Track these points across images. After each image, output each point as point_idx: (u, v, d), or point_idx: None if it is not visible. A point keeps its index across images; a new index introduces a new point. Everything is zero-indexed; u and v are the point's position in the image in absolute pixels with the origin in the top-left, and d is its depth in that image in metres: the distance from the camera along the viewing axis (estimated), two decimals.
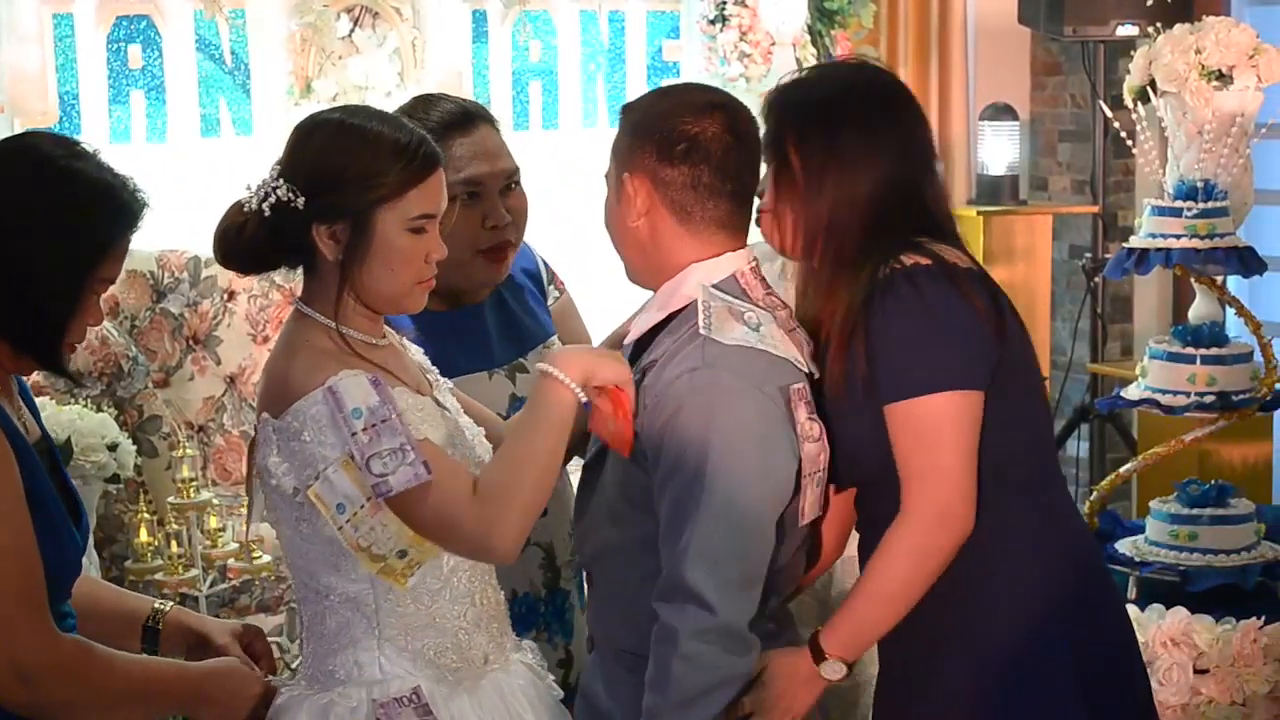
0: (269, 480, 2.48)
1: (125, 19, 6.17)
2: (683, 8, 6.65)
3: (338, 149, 2.48)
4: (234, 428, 5.51)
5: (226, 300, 5.60)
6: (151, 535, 4.27)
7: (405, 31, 6.13)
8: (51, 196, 2.44)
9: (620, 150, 2.68)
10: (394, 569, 2.44)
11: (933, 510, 2.56)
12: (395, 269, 2.49)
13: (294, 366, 2.47)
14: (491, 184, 3.07)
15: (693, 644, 2.48)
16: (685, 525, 2.50)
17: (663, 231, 2.64)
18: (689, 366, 2.54)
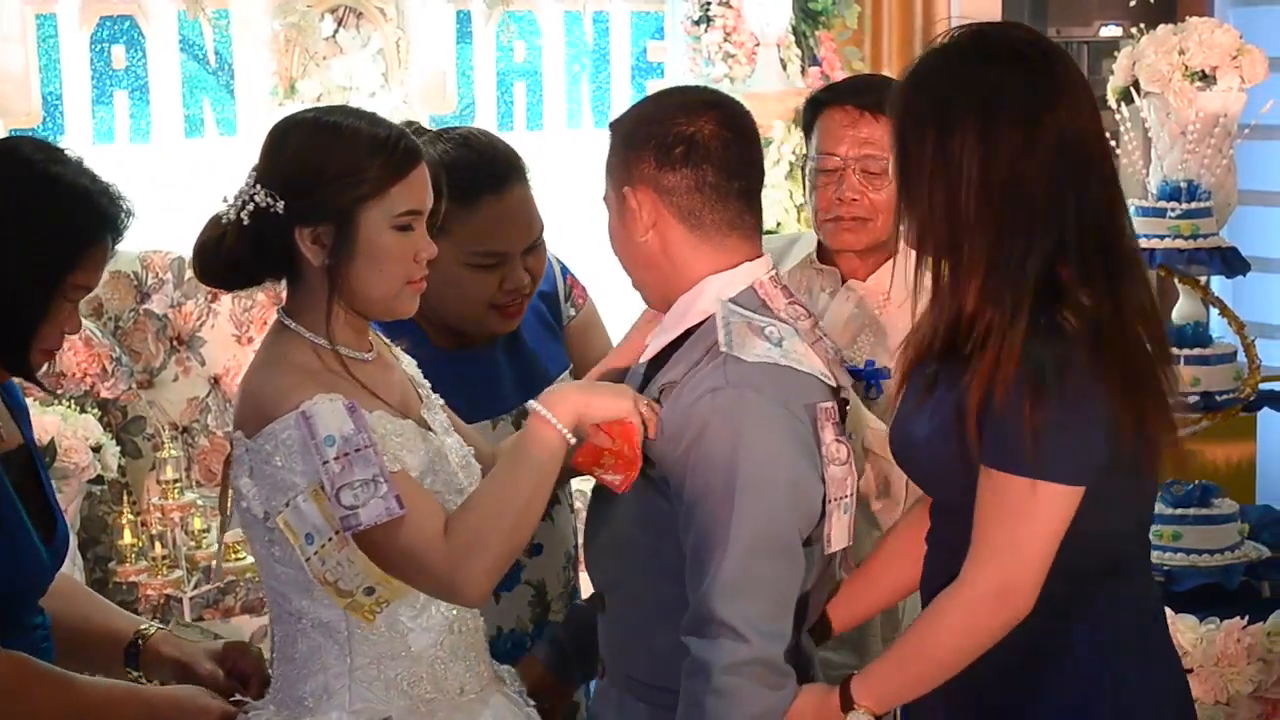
0: (239, 501, 2.41)
1: (109, 19, 6.15)
2: (667, 8, 6.65)
3: (315, 147, 2.41)
4: (218, 429, 5.50)
5: (210, 301, 5.59)
6: (135, 537, 4.26)
7: (389, 32, 6.12)
8: (26, 201, 2.40)
9: (615, 166, 2.54)
10: (361, 605, 2.34)
11: (996, 585, 2.39)
12: (383, 269, 2.41)
13: (270, 385, 2.38)
14: (516, 251, 2.92)
15: (727, 678, 2.36)
16: (714, 554, 2.37)
17: (674, 242, 2.50)
18: (710, 386, 2.41)
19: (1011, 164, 2.37)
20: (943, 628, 2.44)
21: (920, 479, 2.63)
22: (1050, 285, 2.39)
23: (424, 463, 2.45)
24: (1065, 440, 2.36)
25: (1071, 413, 2.35)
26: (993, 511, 2.40)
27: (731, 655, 2.36)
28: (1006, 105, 2.38)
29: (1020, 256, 2.38)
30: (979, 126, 2.37)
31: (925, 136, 2.41)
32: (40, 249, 2.40)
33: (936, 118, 2.41)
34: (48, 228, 2.40)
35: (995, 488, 2.40)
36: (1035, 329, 2.36)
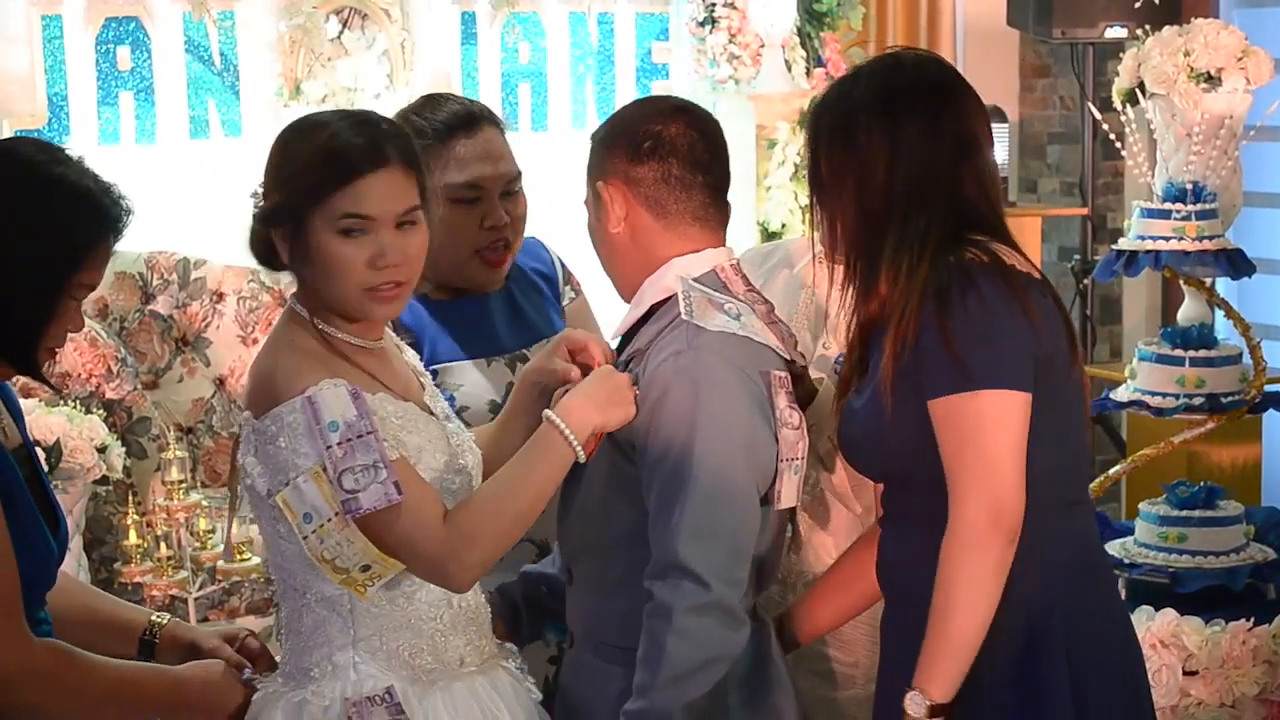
0: (245, 479, 2.50)
1: (114, 20, 6.16)
2: (672, 10, 6.65)
3: (284, 150, 2.52)
4: (223, 429, 5.51)
5: (215, 302, 5.59)
6: (140, 537, 4.26)
7: (394, 33, 6.12)
8: (28, 201, 2.42)
9: (592, 165, 2.73)
10: (356, 581, 2.44)
11: (984, 510, 2.49)
12: (334, 276, 2.48)
13: (278, 368, 2.48)
14: (492, 187, 3.09)
15: (687, 619, 2.49)
16: (675, 503, 2.52)
17: (641, 230, 2.68)
18: (673, 350, 2.58)
19: (917, 154, 2.61)
20: (956, 581, 2.51)
21: (863, 461, 2.73)
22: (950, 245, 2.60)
23: (425, 443, 2.53)
24: (989, 347, 2.50)
25: (986, 320, 2.51)
26: (952, 441, 2.52)
27: (693, 599, 2.50)
28: (909, 105, 2.63)
29: (924, 230, 2.58)
30: (885, 126, 2.61)
31: (835, 141, 2.65)
32: (44, 249, 2.42)
33: (846, 124, 2.64)
34: (51, 228, 2.43)
35: (944, 416, 2.52)
36: (935, 267, 2.56)
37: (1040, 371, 2.55)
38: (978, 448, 2.50)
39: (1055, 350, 2.59)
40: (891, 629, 2.75)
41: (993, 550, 2.49)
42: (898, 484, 2.68)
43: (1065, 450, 2.64)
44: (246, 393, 2.52)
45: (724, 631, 2.53)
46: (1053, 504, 2.59)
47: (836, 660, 3.19)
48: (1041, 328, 2.55)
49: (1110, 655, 2.64)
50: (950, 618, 2.51)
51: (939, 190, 2.62)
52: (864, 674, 3.16)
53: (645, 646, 2.53)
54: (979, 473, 2.49)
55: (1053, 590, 2.59)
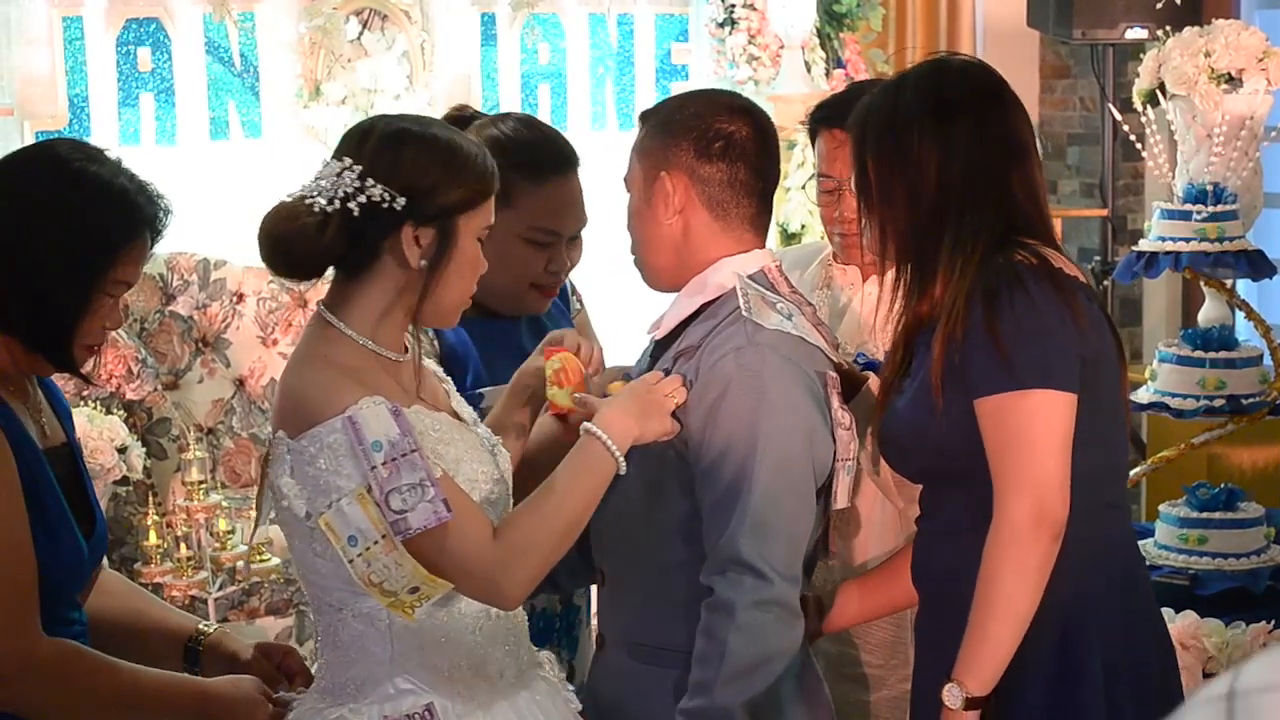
0: (280, 500, 2.43)
1: (135, 22, 6.17)
2: (691, 11, 6.65)
3: (435, 152, 2.47)
4: (243, 430, 5.52)
5: (236, 303, 5.60)
6: (160, 538, 4.26)
7: (414, 34, 6.13)
8: (62, 199, 2.44)
9: (651, 150, 2.70)
10: (403, 603, 2.38)
11: (1029, 508, 2.50)
12: (466, 278, 2.49)
13: (313, 385, 2.41)
14: (567, 234, 3.09)
15: (750, 614, 2.49)
16: (738, 499, 2.51)
17: (696, 228, 2.66)
18: (735, 346, 2.57)
19: (968, 158, 2.62)
20: (998, 577, 2.51)
21: (903, 460, 2.73)
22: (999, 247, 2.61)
23: (463, 453, 2.50)
24: (1037, 347, 2.52)
25: (1034, 320, 2.52)
26: (998, 439, 2.53)
27: (756, 594, 2.50)
28: (959, 110, 2.64)
29: (974, 233, 2.60)
30: (936, 131, 2.62)
31: (885, 148, 2.66)
32: (77, 245, 2.43)
33: (896, 131, 2.65)
34: (84, 225, 2.44)
35: (991, 415, 2.53)
36: (984, 268, 2.57)
37: (1085, 374, 2.57)
38: (1024, 446, 2.51)
39: (1101, 354, 2.61)
40: (928, 628, 2.75)
41: (1036, 548, 2.50)
42: (938, 483, 2.70)
43: (1106, 453, 2.66)
44: (278, 410, 2.46)
45: (784, 627, 2.53)
46: (1091, 506, 2.59)
47: (867, 664, 3.20)
48: (1088, 330, 2.57)
49: (1144, 655, 2.66)
50: (991, 613, 2.52)
51: (989, 194, 2.63)
52: (895, 675, 3.17)
53: (704, 643, 2.52)
54: (1024, 471, 2.51)
55: (1089, 590, 2.60)
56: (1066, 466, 2.52)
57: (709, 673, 2.50)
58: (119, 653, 2.56)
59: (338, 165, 2.45)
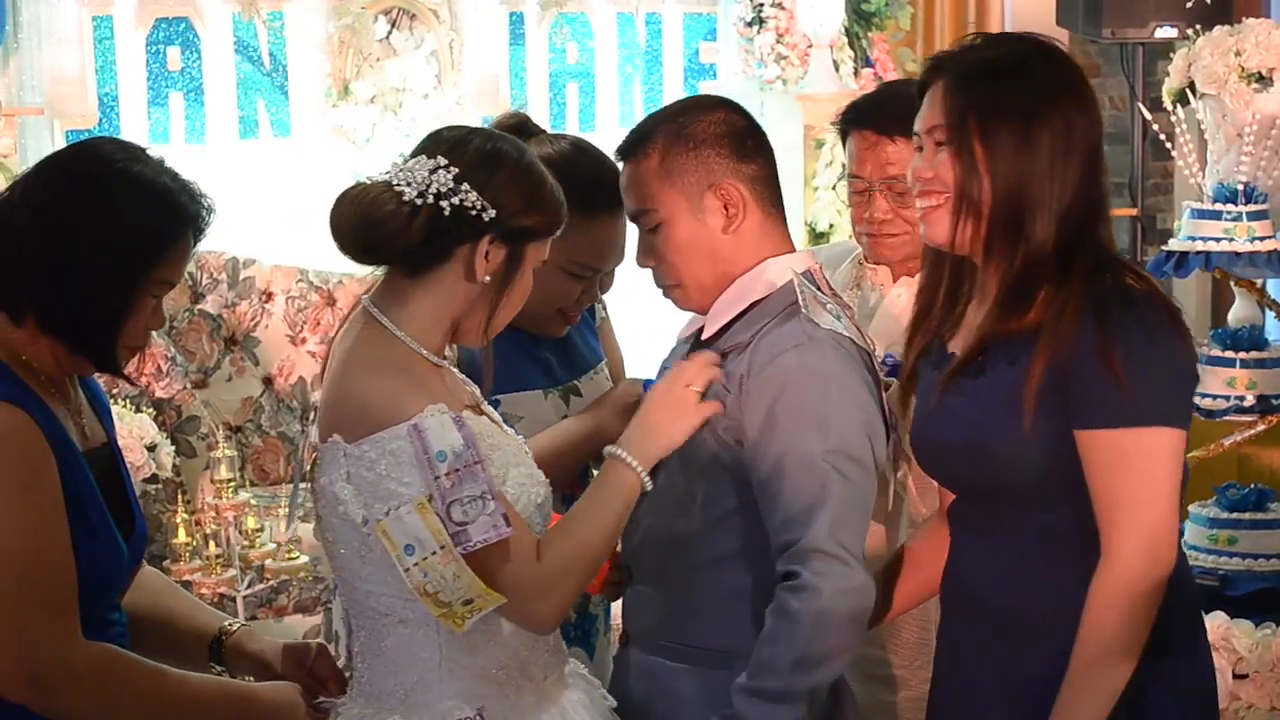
0: (335, 505, 2.40)
1: (164, 21, 6.20)
2: (719, 10, 6.65)
3: (528, 176, 2.48)
4: (271, 429, 5.53)
5: (264, 301, 5.62)
6: (190, 535, 4.27)
7: (442, 34, 6.14)
8: (106, 198, 2.42)
9: (685, 169, 2.62)
10: (456, 614, 2.35)
11: (1145, 543, 2.37)
12: (513, 305, 2.51)
13: (375, 391, 2.38)
14: (605, 271, 3.07)
15: (836, 600, 2.46)
16: (816, 491, 2.49)
17: (749, 229, 2.63)
18: (795, 343, 2.54)
19: (1085, 139, 2.48)
20: (1114, 624, 2.40)
21: (951, 469, 2.59)
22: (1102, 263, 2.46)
23: (510, 457, 2.49)
24: (1160, 381, 2.38)
25: (1155, 352, 2.37)
26: (1112, 476, 2.39)
27: (843, 581, 2.47)
28: (1076, 90, 2.52)
29: (1084, 235, 2.45)
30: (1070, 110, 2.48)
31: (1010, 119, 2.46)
32: (121, 245, 2.42)
33: (1017, 107, 2.46)
34: (128, 225, 2.42)
35: (1105, 449, 2.39)
36: (1096, 288, 2.40)
37: None
38: (1143, 487, 2.38)
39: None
40: (959, 641, 2.65)
41: (1153, 592, 2.39)
42: (995, 500, 2.54)
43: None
44: (332, 413, 2.42)
45: (857, 625, 2.51)
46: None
47: (892, 665, 3.19)
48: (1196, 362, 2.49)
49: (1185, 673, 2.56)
50: (1107, 663, 2.41)
51: (1099, 196, 2.49)
52: (918, 676, 3.16)
53: (780, 624, 2.47)
54: (1140, 512, 2.38)
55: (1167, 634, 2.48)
56: (1178, 508, 2.42)
57: (781, 653, 2.46)
58: (151, 649, 2.55)
59: (430, 163, 2.43)
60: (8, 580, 2.32)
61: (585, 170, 2.95)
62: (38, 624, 2.34)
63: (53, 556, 2.36)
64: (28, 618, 2.34)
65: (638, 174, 2.64)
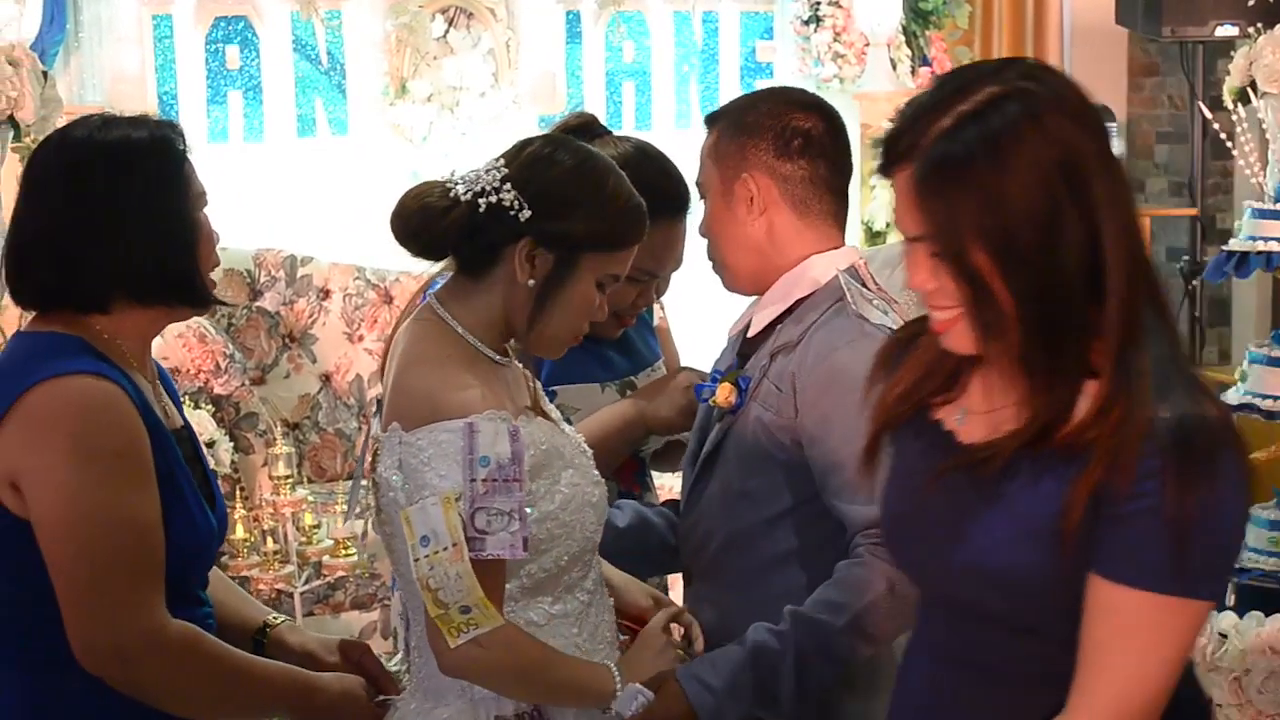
0: (386, 492, 2.41)
1: (223, 20, 6.23)
2: (776, 8, 6.64)
3: (581, 181, 2.45)
4: (328, 425, 5.55)
5: (322, 299, 5.64)
6: (248, 532, 4.29)
7: (499, 32, 6.15)
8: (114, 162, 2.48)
9: (727, 153, 2.68)
10: (451, 621, 2.33)
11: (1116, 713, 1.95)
12: (571, 315, 2.46)
13: (441, 384, 2.39)
14: (661, 275, 3.07)
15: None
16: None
17: (780, 228, 2.66)
18: (847, 339, 2.56)
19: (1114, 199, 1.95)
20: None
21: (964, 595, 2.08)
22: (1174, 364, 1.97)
23: (569, 460, 2.48)
24: (1215, 551, 1.91)
25: (1225, 521, 1.90)
26: (1123, 639, 1.93)
27: None
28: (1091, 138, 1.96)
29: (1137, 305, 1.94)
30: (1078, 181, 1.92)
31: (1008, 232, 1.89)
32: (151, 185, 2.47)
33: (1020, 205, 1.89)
34: (142, 171, 2.48)
35: (1118, 606, 1.92)
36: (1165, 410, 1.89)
37: None
38: (1156, 661, 1.93)
39: None
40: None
41: None
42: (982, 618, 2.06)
43: None
44: (395, 403, 2.43)
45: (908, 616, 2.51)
46: None
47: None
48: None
49: None
50: None
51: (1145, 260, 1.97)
52: None
53: (859, 575, 2.50)
54: (1125, 684, 1.94)
55: None
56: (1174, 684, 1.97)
57: (848, 597, 2.49)
58: None
59: (492, 163, 2.45)
60: (101, 549, 2.33)
61: (646, 174, 2.95)
62: (129, 594, 2.36)
63: (145, 529, 2.38)
64: (119, 587, 2.35)
65: (703, 146, 2.72)
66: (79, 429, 2.35)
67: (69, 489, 2.33)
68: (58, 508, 2.34)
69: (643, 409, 2.95)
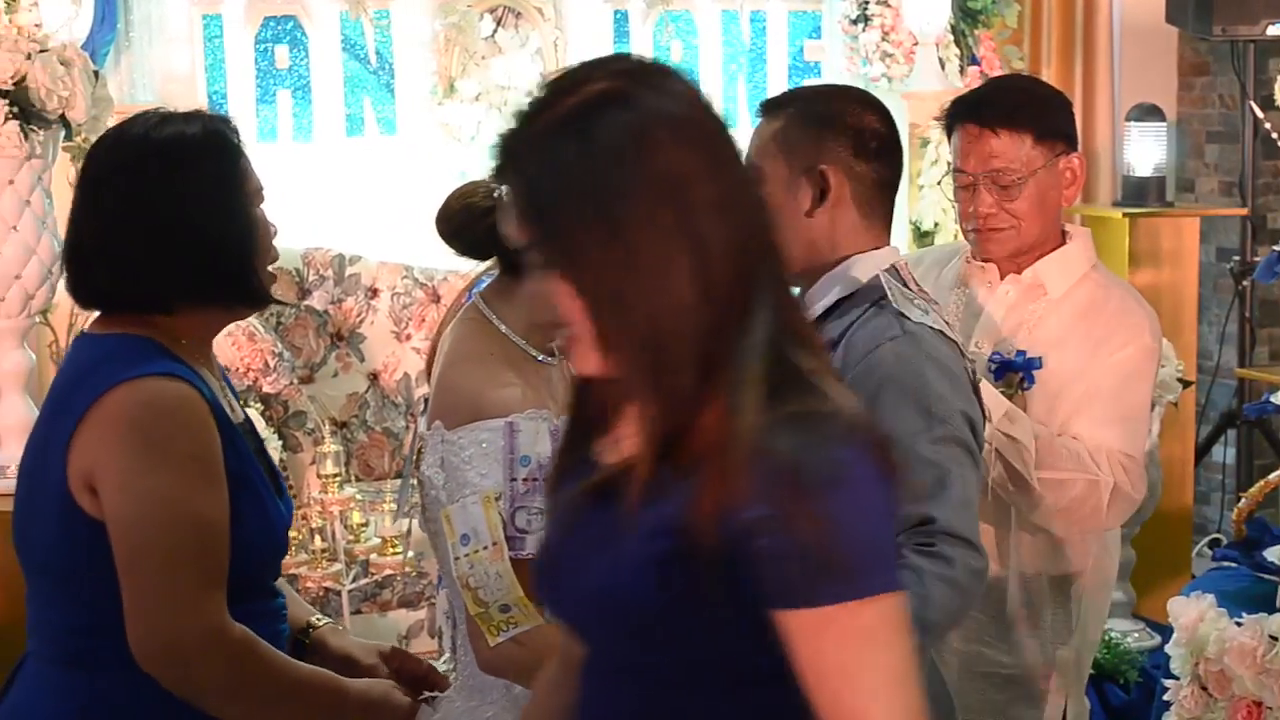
0: (430, 490, 2.45)
1: (273, 19, 6.25)
2: (824, 7, 6.62)
3: None
4: (376, 424, 5.56)
5: (370, 298, 5.65)
6: (296, 530, 4.30)
7: (547, 32, 6.15)
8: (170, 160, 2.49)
9: (799, 143, 2.68)
10: (491, 619, 2.34)
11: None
12: None
13: (482, 384, 2.42)
14: None
15: (966, 576, 2.49)
16: (933, 481, 2.52)
17: (842, 225, 2.67)
18: (890, 336, 2.59)
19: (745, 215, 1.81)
20: None
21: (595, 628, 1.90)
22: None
23: None
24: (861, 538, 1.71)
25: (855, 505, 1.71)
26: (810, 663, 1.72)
27: (974, 562, 2.51)
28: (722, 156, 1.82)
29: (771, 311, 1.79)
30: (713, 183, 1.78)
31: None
32: (212, 181, 2.50)
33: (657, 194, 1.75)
34: (201, 167, 2.50)
35: (797, 632, 1.72)
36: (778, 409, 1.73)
37: None
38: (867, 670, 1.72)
39: None
40: None
41: None
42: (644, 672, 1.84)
43: None
44: (440, 402, 2.46)
45: (975, 599, 2.56)
46: None
47: (997, 663, 3.18)
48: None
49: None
50: None
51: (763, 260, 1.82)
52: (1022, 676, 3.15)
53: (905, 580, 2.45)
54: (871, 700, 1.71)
55: None
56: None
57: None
58: None
59: None
60: (168, 548, 2.35)
61: None
62: (193, 593, 2.37)
63: (212, 530, 2.40)
64: (184, 586, 2.36)
65: (760, 133, 2.73)
66: (153, 431, 2.38)
67: (140, 488, 2.36)
68: (128, 506, 2.36)
69: None
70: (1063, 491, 3.06)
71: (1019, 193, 3.16)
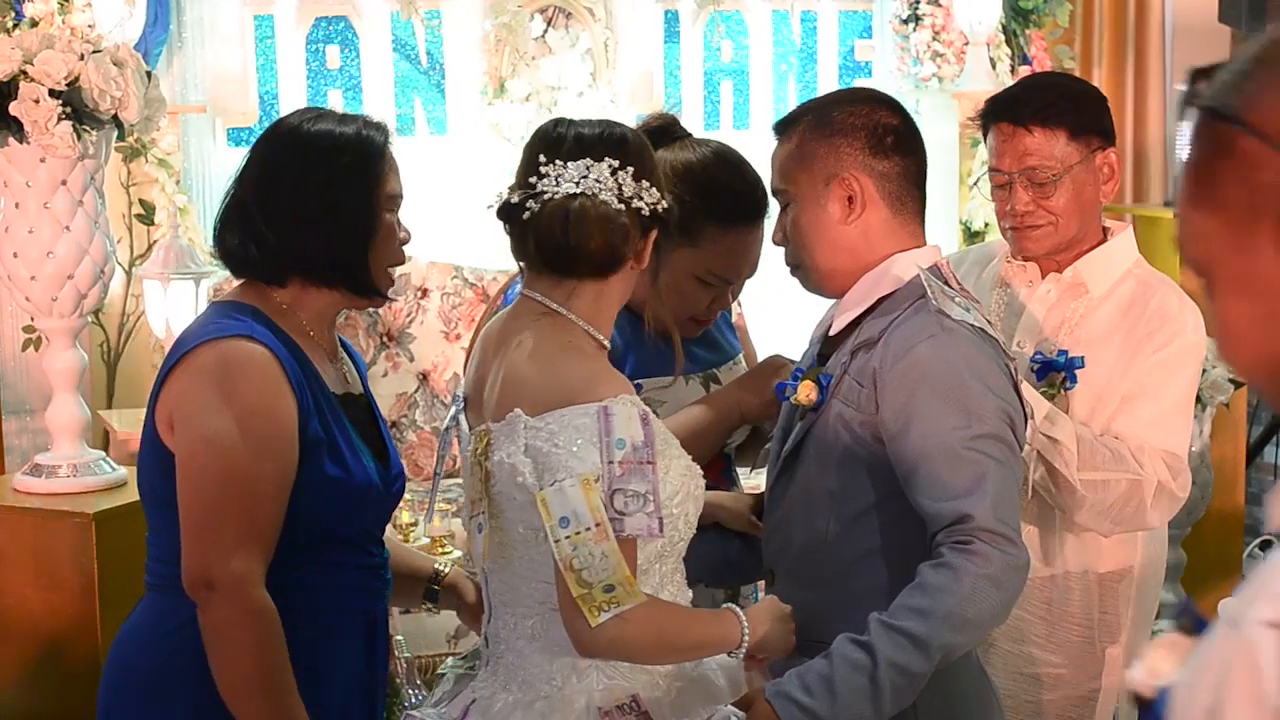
0: (513, 478, 2.42)
1: (324, 20, 6.28)
2: (875, 7, 6.61)
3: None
4: (426, 424, 5.58)
5: (420, 298, 5.67)
6: None
7: (597, 32, 6.16)
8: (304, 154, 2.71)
9: (817, 155, 2.67)
10: (594, 600, 2.35)
11: None
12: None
13: (572, 371, 2.44)
14: (738, 281, 3.09)
15: (1007, 574, 2.50)
16: (972, 478, 2.51)
17: (875, 226, 2.67)
18: (928, 334, 2.57)
19: None
20: None
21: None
22: None
23: (674, 451, 2.50)
24: None
25: None
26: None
27: (1014, 559, 2.51)
28: None
29: None
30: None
31: None
32: (341, 179, 2.69)
33: None
34: (335, 162, 2.70)
35: None
36: None
37: None
38: None
39: None
40: None
41: None
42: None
43: None
44: (518, 390, 2.46)
45: (1016, 596, 2.55)
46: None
47: (1046, 663, 3.17)
48: None
49: None
50: None
51: None
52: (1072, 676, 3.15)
53: (942, 576, 2.49)
54: None
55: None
56: None
57: (935, 601, 2.47)
58: None
59: (605, 165, 2.48)
60: (211, 492, 2.58)
61: (725, 180, 3.00)
62: (228, 538, 2.56)
63: (257, 485, 2.58)
64: (222, 530, 2.56)
65: (780, 153, 2.72)
66: (221, 380, 2.60)
67: (199, 432, 2.59)
68: (187, 446, 2.60)
69: (736, 397, 2.98)
70: (1106, 492, 3.05)
71: (1055, 190, 3.15)
